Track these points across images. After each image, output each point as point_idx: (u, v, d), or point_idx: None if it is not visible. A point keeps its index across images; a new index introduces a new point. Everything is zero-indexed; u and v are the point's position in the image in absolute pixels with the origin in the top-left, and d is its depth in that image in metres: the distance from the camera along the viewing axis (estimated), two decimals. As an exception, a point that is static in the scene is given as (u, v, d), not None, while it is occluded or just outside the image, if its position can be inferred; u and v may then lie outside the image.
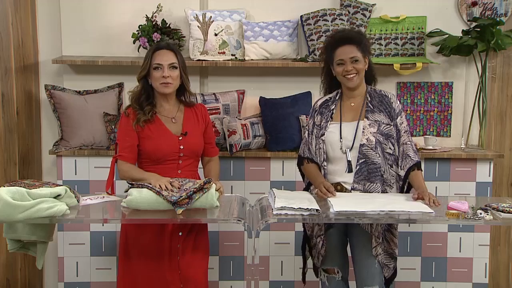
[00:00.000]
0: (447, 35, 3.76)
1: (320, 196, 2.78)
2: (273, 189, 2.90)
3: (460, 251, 3.82)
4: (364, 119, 2.89)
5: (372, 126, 2.87)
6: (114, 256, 3.75)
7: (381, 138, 2.86)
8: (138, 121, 2.88)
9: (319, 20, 3.73)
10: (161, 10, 3.70)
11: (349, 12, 3.77)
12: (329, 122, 2.92)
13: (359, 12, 3.78)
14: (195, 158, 2.98)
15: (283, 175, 3.74)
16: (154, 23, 3.69)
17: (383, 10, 3.84)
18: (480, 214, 2.57)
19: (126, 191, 2.69)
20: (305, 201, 2.68)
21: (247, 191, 3.68)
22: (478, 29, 3.69)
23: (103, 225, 3.72)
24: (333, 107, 2.95)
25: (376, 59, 3.76)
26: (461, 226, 3.75)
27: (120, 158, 2.89)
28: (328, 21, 3.72)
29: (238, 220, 2.57)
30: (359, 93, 2.94)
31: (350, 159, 2.84)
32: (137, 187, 2.67)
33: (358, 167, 2.85)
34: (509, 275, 4.08)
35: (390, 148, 2.88)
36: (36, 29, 3.82)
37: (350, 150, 2.85)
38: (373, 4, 3.80)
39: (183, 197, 2.58)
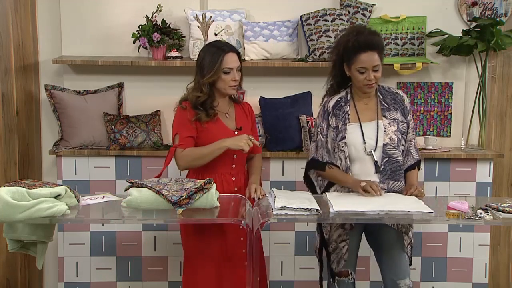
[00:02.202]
0: (447, 35, 3.76)
1: (369, 192, 2.74)
2: (273, 189, 2.90)
3: (460, 251, 3.82)
4: (383, 118, 2.88)
5: (392, 125, 2.88)
6: (114, 256, 3.75)
7: (400, 136, 2.88)
8: (199, 119, 2.89)
9: (319, 20, 3.72)
10: (161, 10, 3.70)
11: (349, 12, 3.77)
12: (347, 124, 2.89)
13: (359, 12, 3.78)
14: (246, 154, 2.98)
15: (283, 175, 3.74)
16: (154, 23, 3.69)
17: (383, 10, 3.84)
18: (480, 214, 2.57)
19: (126, 190, 2.69)
20: (305, 201, 2.68)
21: (247, 191, 3.68)
22: (478, 29, 3.69)
23: (103, 225, 3.72)
24: (347, 108, 2.91)
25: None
26: (461, 226, 3.75)
27: (181, 147, 2.88)
28: (328, 21, 3.72)
29: (238, 220, 2.57)
30: (372, 93, 2.93)
31: (376, 160, 2.84)
32: (137, 187, 2.66)
33: (382, 167, 2.84)
34: (509, 275, 4.08)
35: (402, 145, 2.91)
36: (36, 29, 3.82)
37: (374, 150, 2.85)
38: (373, 4, 3.80)
39: (184, 197, 2.58)
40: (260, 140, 3.75)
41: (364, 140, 2.85)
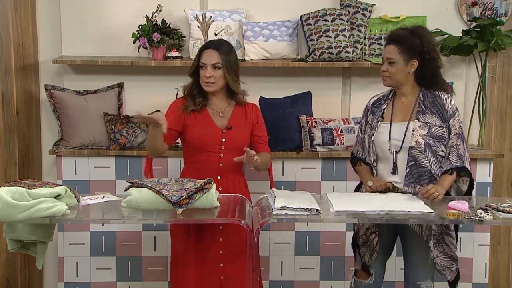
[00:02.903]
0: (447, 35, 3.76)
1: (373, 188, 2.81)
2: (273, 189, 2.91)
3: (460, 251, 3.80)
4: (415, 120, 2.85)
5: (422, 128, 2.83)
6: (114, 256, 3.75)
7: (431, 141, 2.82)
8: (186, 108, 2.97)
9: (319, 20, 3.72)
10: (161, 10, 3.70)
11: (349, 12, 3.77)
12: (379, 122, 2.90)
13: (359, 12, 3.78)
14: (238, 154, 2.96)
15: (283, 175, 3.74)
16: (154, 23, 3.69)
17: (383, 10, 3.83)
18: (480, 214, 2.57)
19: (126, 190, 2.69)
20: (305, 201, 2.68)
21: (247, 191, 3.68)
22: (478, 29, 3.69)
23: (103, 225, 3.72)
24: (385, 106, 2.93)
25: (376, 59, 3.76)
26: (461, 226, 3.74)
27: None
28: (328, 21, 3.71)
29: (238, 220, 2.57)
30: (410, 92, 2.89)
31: (395, 161, 2.83)
32: (137, 187, 2.66)
33: (408, 170, 2.83)
34: (509, 275, 4.08)
35: (442, 150, 2.85)
36: (36, 29, 3.82)
37: (398, 151, 2.84)
38: (373, 4, 3.80)
39: (184, 197, 2.58)
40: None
41: (390, 139, 2.85)
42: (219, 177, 2.98)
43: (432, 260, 2.86)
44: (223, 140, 2.94)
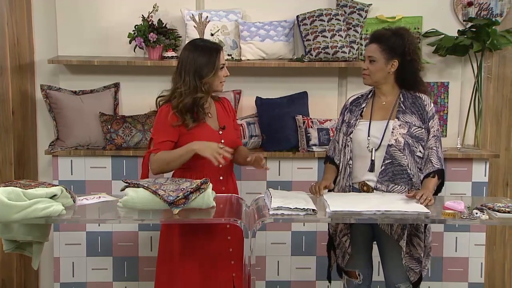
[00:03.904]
0: (443, 35, 3.77)
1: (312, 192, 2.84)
2: (269, 189, 2.90)
3: (456, 251, 3.83)
4: (395, 119, 2.85)
5: (402, 127, 2.83)
6: (110, 256, 3.74)
7: (410, 140, 2.83)
8: (186, 126, 2.83)
9: (315, 20, 3.73)
10: (157, 10, 3.70)
11: (345, 12, 3.78)
12: (358, 120, 2.90)
13: (355, 12, 3.78)
14: (232, 151, 2.96)
15: (279, 175, 3.74)
16: (150, 23, 3.69)
17: (379, 10, 3.84)
18: (476, 214, 2.58)
19: (122, 190, 2.68)
20: (301, 201, 2.68)
21: (243, 191, 3.66)
22: (474, 29, 3.70)
23: (99, 225, 3.71)
24: (364, 105, 2.93)
25: (372, 59, 3.76)
26: (457, 226, 3.76)
27: (155, 152, 2.83)
28: (324, 21, 3.72)
29: (234, 220, 2.57)
30: (391, 92, 2.90)
31: (373, 158, 2.83)
32: (133, 187, 2.66)
33: (383, 167, 2.83)
34: (504, 275, 4.09)
35: (420, 151, 2.85)
36: (31, 29, 3.81)
37: (376, 149, 2.84)
38: (369, 4, 3.80)
39: (180, 197, 2.57)
40: (257, 140, 3.75)
41: (369, 137, 2.85)
42: (221, 177, 2.95)
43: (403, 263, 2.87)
44: (222, 141, 2.91)
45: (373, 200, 2.71)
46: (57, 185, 2.62)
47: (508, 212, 2.59)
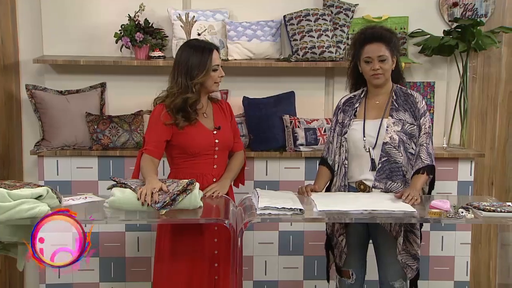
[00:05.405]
0: (429, 35, 3.79)
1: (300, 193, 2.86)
2: (256, 189, 2.90)
3: (442, 250, 3.85)
4: (389, 117, 2.87)
5: (396, 125, 2.86)
6: (96, 257, 3.72)
7: (405, 138, 2.85)
8: (177, 125, 2.84)
9: (302, 20, 3.73)
10: (143, 10, 3.68)
11: (332, 12, 3.79)
12: (352, 120, 2.91)
13: (342, 12, 3.80)
14: (227, 153, 2.98)
15: (266, 175, 3.74)
16: (136, 22, 3.67)
17: (366, 10, 3.85)
18: (462, 213, 2.59)
19: (109, 188, 2.66)
20: (288, 200, 2.68)
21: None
22: (459, 30, 3.72)
23: (85, 226, 3.68)
24: (357, 105, 2.94)
25: (359, 59, 3.78)
26: (443, 224, 3.78)
27: (146, 152, 2.85)
28: (311, 21, 3.73)
29: (221, 219, 2.56)
30: (385, 91, 2.92)
31: (373, 157, 2.84)
32: (120, 186, 2.64)
33: (380, 165, 2.84)
34: (490, 273, 4.12)
35: (412, 148, 2.87)
36: (16, 28, 3.78)
37: (373, 148, 2.85)
38: (355, 4, 3.82)
39: (167, 201, 2.56)
40: (244, 140, 3.75)
41: (364, 136, 2.87)
42: (214, 179, 2.94)
43: (399, 260, 2.88)
44: (216, 141, 2.91)
45: (361, 200, 2.72)
46: (43, 186, 2.60)
47: (493, 211, 2.62)
